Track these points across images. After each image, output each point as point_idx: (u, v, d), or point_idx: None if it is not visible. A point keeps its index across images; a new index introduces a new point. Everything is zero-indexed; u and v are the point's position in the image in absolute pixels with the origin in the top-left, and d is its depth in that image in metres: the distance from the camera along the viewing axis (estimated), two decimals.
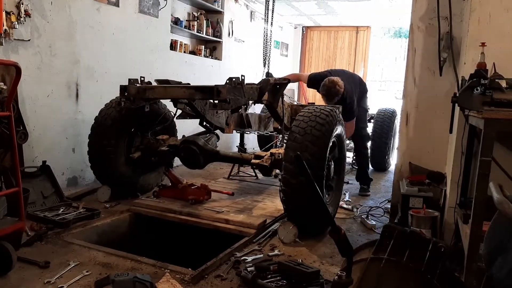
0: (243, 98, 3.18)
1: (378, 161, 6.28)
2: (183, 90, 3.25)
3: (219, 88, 3.00)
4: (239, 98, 3.13)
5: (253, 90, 3.35)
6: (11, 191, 2.44)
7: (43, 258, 2.55)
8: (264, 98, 3.52)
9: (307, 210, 2.99)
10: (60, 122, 4.16)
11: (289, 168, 3.04)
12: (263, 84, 3.46)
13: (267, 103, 3.63)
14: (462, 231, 2.44)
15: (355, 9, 8.12)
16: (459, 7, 3.30)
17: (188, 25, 6.20)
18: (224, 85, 3.04)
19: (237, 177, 5.18)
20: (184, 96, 3.28)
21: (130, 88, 3.42)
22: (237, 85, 3.10)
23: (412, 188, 3.31)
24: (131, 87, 3.42)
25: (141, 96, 3.42)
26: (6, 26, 3.46)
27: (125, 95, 3.43)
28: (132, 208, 3.64)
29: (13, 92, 2.42)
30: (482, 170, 2.00)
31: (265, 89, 3.46)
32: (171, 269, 2.52)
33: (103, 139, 3.72)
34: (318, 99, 10.27)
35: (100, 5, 4.48)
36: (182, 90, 3.26)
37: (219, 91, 2.99)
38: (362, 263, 1.76)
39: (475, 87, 2.21)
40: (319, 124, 3.13)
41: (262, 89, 3.44)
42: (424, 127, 3.62)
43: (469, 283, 2.04)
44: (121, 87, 3.45)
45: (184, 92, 3.23)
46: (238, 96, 3.12)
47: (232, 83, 3.08)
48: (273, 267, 2.46)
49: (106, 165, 3.77)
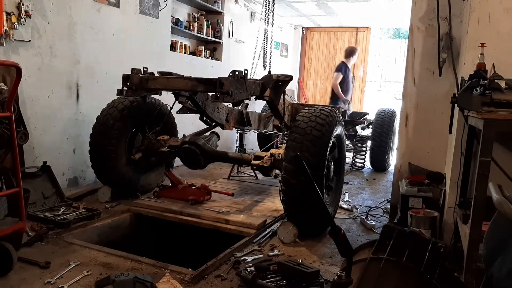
0: (245, 92, 3.17)
1: (378, 161, 6.29)
2: (185, 81, 3.25)
3: (222, 80, 2.99)
4: (241, 92, 3.13)
5: (256, 85, 3.35)
6: (11, 192, 2.45)
7: (44, 258, 2.56)
8: (266, 94, 3.51)
9: (307, 210, 3.00)
10: (61, 123, 4.17)
11: (289, 168, 3.05)
12: (265, 79, 3.46)
13: (268, 100, 3.63)
14: (462, 231, 2.45)
15: (355, 10, 8.13)
16: (459, 8, 3.30)
17: (188, 26, 6.21)
18: (227, 78, 3.03)
19: (237, 177, 5.19)
20: (186, 88, 3.27)
21: (133, 78, 3.40)
22: (240, 78, 3.11)
23: (412, 188, 3.31)
24: (134, 77, 3.41)
25: (143, 86, 3.40)
26: (7, 26, 3.47)
27: (127, 84, 3.42)
28: (132, 209, 3.64)
29: (14, 92, 2.42)
30: (482, 171, 2.00)
31: (267, 85, 3.45)
32: (171, 269, 2.52)
33: (104, 139, 3.72)
34: (317, 100, 10.31)
35: (101, 6, 4.49)
36: (184, 81, 3.26)
37: (222, 83, 2.99)
38: (362, 263, 1.77)
39: (474, 88, 2.21)
40: (319, 124, 3.13)
41: (265, 85, 3.43)
42: (423, 127, 3.63)
43: (468, 283, 2.04)
44: (124, 76, 3.44)
45: (187, 84, 3.22)
46: (240, 90, 3.11)
47: (235, 76, 3.08)
48: (273, 267, 2.47)
49: (107, 165, 3.77)
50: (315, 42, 10.40)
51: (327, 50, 10.26)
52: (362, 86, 10.04)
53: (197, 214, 3.45)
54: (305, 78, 10.50)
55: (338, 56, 10.12)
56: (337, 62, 10.22)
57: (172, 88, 3.43)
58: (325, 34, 10.27)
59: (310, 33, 10.41)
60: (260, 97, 3.51)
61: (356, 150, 6.44)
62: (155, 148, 3.93)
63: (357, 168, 6.33)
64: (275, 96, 3.64)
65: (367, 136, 6.54)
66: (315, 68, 10.42)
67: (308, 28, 10.32)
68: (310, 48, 10.43)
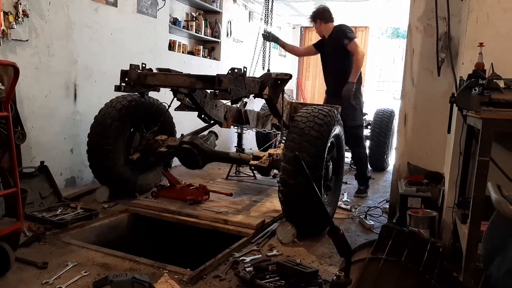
0: (244, 90, 3.16)
1: (377, 161, 6.29)
2: (184, 78, 3.23)
3: (220, 78, 2.97)
4: (240, 90, 3.11)
5: (255, 83, 3.34)
6: (9, 192, 2.43)
7: (41, 258, 2.55)
8: (265, 93, 3.50)
9: (305, 211, 2.99)
10: (58, 123, 4.16)
11: (287, 168, 3.04)
12: (264, 78, 3.45)
13: (267, 98, 3.62)
14: (460, 231, 2.45)
15: (353, 10, 8.13)
16: (457, 8, 3.30)
17: (186, 26, 6.20)
18: (226, 75, 3.01)
19: (235, 177, 5.18)
20: (185, 85, 3.25)
21: (131, 73, 3.39)
22: (239, 76, 3.10)
23: (411, 188, 3.31)
24: (132, 72, 3.39)
25: (142, 82, 3.38)
26: (4, 26, 3.45)
27: (126, 80, 3.40)
28: (130, 209, 3.63)
29: (11, 92, 2.41)
30: (480, 170, 2.00)
31: (266, 83, 3.44)
32: (169, 270, 2.51)
33: (102, 138, 3.71)
34: (316, 99, 10.30)
35: (98, 5, 4.47)
36: (183, 78, 3.23)
37: (220, 80, 2.97)
38: (361, 263, 1.76)
39: (473, 88, 2.21)
40: (317, 124, 3.13)
41: (264, 83, 3.42)
42: (422, 127, 3.63)
43: (467, 283, 2.04)
44: (122, 71, 3.41)
45: (185, 81, 3.20)
46: (239, 88, 3.10)
47: (234, 73, 3.06)
48: (271, 267, 2.47)
49: (105, 164, 3.75)
50: (313, 41, 10.34)
51: None
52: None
53: (195, 214, 3.45)
54: (303, 78, 10.50)
55: None
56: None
57: (171, 85, 3.41)
58: None
59: (309, 32, 10.40)
60: (259, 95, 3.50)
61: None
62: (153, 148, 3.92)
63: None
64: (274, 95, 3.63)
65: (365, 136, 6.54)
66: (314, 68, 10.41)
67: (307, 27, 10.32)
68: None
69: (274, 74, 3.55)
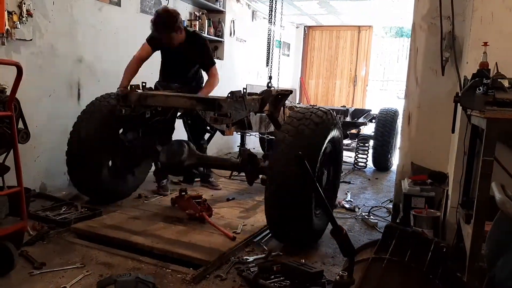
0: (245, 111, 3.16)
1: (380, 161, 6.28)
2: (184, 100, 3.23)
3: (220, 102, 2.96)
4: (240, 112, 3.11)
5: (255, 101, 3.32)
6: (13, 191, 2.45)
7: (45, 257, 2.56)
8: (266, 109, 3.49)
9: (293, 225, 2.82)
10: (62, 122, 4.16)
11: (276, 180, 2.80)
12: (265, 95, 3.44)
13: (268, 113, 3.62)
14: (464, 231, 2.44)
15: (357, 9, 8.11)
16: (462, 7, 3.28)
17: (189, 25, 6.19)
18: (225, 99, 2.99)
19: (238, 177, 5.17)
20: (185, 106, 3.28)
21: (132, 95, 3.37)
22: (239, 98, 3.07)
23: (414, 188, 3.30)
24: (133, 94, 3.37)
25: (142, 103, 3.37)
26: (8, 26, 3.47)
27: (126, 102, 3.36)
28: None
29: (15, 91, 2.42)
30: (484, 170, 1.99)
31: (267, 100, 3.44)
32: (172, 269, 2.52)
33: (82, 148, 3.51)
34: (319, 99, 10.30)
35: (102, 5, 4.48)
36: (183, 99, 3.24)
37: (220, 105, 2.96)
38: (364, 263, 1.76)
39: (477, 87, 2.20)
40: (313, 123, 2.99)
41: (264, 100, 3.41)
42: (426, 126, 3.61)
43: (471, 283, 2.03)
44: (121, 95, 3.35)
45: (185, 102, 3.21)
46: (239, 110, 3.10)
47: (234, 97, 3.03)
48: (276, 267, 2.45)
49: (87, 175, 3.55)
50: (317, 41, 10.38)
51: (329, 49, 10.25)
52: (364, 85, 10.02)
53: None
54: (307, 77, 10.49)
55: (341, 55, 10.13)
56: (340, 61, 10.25)
57: (171, 106, 3.43)
58: (327, 33, 10.25)
59: (312, 32, 10.39)
60: (259, 112, 3.50)
61: (358, 150, 6.42)
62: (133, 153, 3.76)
63: (359, 167, 6.31)
64: (274, 110, 3.63)
65: (369, 135, 6.53)
66: (317, 67, 10.40)
67: (310, 27, 10.31)
68: (312, 47, 10.42)
69: (275, 91, 3.55)
